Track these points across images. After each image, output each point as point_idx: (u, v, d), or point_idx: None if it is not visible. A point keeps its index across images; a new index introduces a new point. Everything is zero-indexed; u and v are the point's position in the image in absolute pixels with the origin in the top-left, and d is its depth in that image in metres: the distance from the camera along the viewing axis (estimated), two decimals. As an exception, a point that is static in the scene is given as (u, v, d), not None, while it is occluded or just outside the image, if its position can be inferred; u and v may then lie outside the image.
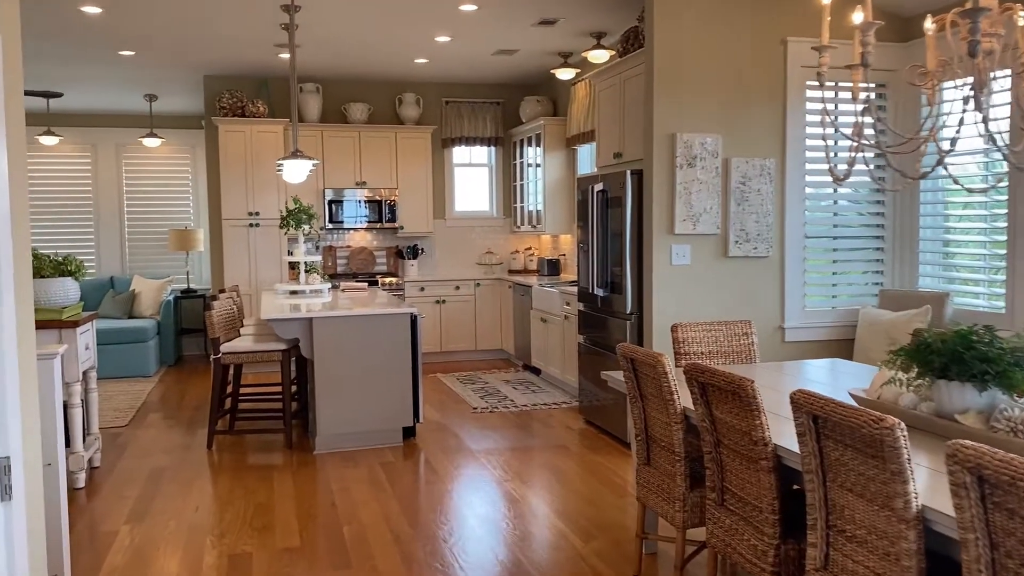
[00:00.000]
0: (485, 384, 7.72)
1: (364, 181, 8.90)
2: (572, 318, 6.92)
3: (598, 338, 5.93)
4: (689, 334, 4.05)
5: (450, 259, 9.55)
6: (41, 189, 9.50)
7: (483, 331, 9.07)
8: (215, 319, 5.60)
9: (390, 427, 5.64)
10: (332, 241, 9.21)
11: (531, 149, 8.93)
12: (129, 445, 5.82)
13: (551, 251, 9.27)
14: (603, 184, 5.74)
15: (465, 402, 7.00)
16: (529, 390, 7.43)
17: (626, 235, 5.44)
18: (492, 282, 9.07)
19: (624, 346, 3.36)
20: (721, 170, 5.29)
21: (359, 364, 5.54)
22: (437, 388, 7.61)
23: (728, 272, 5.37)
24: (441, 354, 9.03)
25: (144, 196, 9.77)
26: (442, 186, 9.48)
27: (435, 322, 8.90)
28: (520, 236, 9.72)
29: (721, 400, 2.75)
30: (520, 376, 8.09)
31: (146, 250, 9.78)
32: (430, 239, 9.45)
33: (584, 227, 6.10)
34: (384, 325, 5.57)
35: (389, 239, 9.36)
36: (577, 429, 6.06)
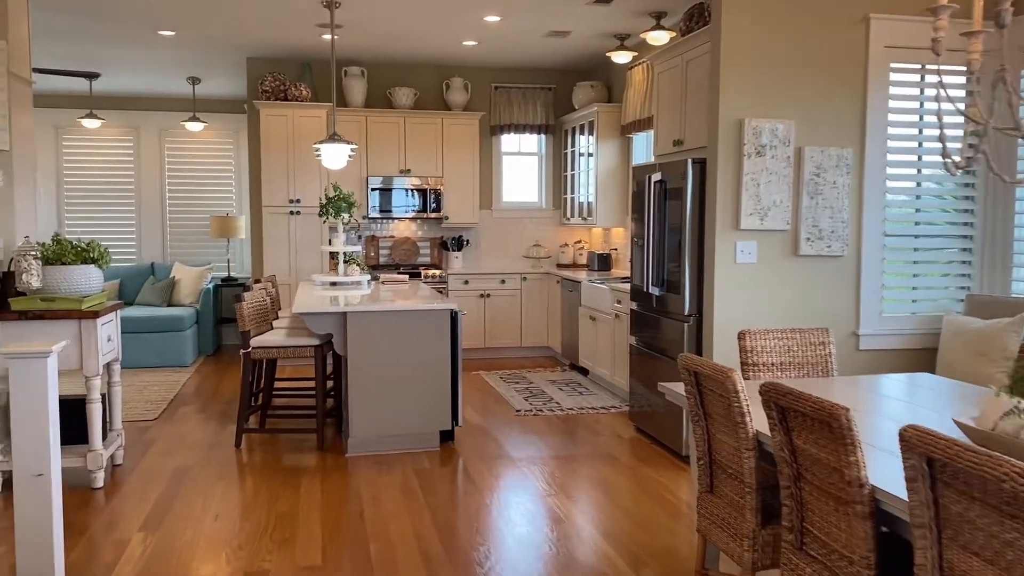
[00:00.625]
0: (530, 384, 7.33)
1: (409, 169, 8.56)
2: (624, 317, 6.49)
3: (652, 340, 5.49)
4: (758, 342, 3.61)
5: (496, 251, 9.18)
6: (84, 173, 9.35)
7: (529, 327, 8.68)
8: (245, 311, 5.30)
9: (427, 431, 5.29)
10: (375, 231, 8.89)
11: (583, 137, 8.50)
12: (156, 441, 5.56)
13: (602, 245, 8.84)
14: (661, 174, 5.30)
15: (508, 403, 6.62)
16: (576, 392, 7.03)
17: (686, 230, 5.00)
18: (539, 276, 8.67)
19: (687, 357, 2.94)
20: (793, 160, 4.81)
21: (395, 363, 5.19)
22: (479, 387, 7.25)
23: (798, 272, 4.89)
24: (484, 350, 8.67)
25: (187, 181, 9.58)
26: (489, 175, 9.10)
27: (479, 317, 8.54)
28: (570, 229, 9.30)
29: (806, 428, 2.32)
30: (567, 376, 7.69)
31: (187, 237, 9.58)
32: (476, 230, 9.08)
33: (639, 220, 5.67)
34: (423, 321, 5.21)
35: (433, 229, 9.01)
36: (627, 437, 5.64)
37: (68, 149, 9.28)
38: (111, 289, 8.90)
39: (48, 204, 9.24)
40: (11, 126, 4.87)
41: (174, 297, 8.98)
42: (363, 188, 8.48)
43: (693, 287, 5.01)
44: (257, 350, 5.31)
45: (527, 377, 7.64)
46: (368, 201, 8.45)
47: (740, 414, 2.66)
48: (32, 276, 4.41)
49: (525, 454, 5.24)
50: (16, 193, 5.01)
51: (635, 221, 5.75)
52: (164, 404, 6.58)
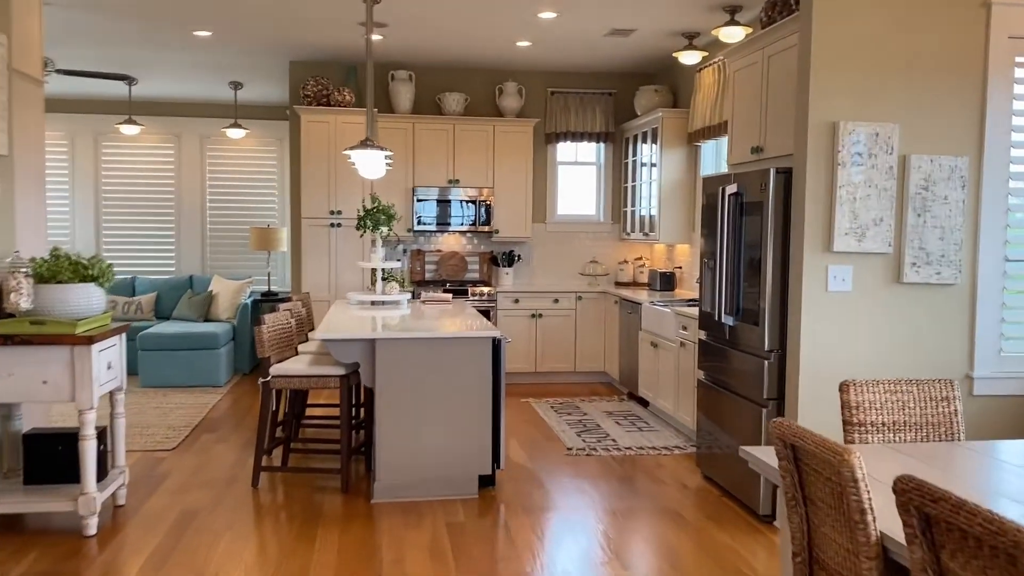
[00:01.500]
0: (583, 416, 6.66)
1: (457, 179, 7.99)
2: (690, 346, 5.78)
3: (724, 377, 4.78)
4: (865, 396, 2.90)
5: (549, 268, 8.53)
6: (123, 181, 9.00)
7: (584, 351, 8.01)
8: (265, 336, 4.75)
9: (464, 475, 4.66)
10: (421, 245, 8.34)
11: (645, 146, 7.82)
12: (169, 476, 5.04)
13: (665, 263, 8.13)
14: (737, 186, 4.60)
15: (558, 439, 5.96)
16: (634, 427, 6.33)
17: (766, 250, 4.29)
18: (596, 296, 8.00)
19: (782, 426, 2.26)
20: (897, 170, 4.08)
21: (429, 397, 4.59)
22: (527, 418, 6.60)
23: (901, 303, 4.14)
24: (535, 375, 8.02)
25: (228, 191, 9.17)
26: (543, 186, 8.48)
27: (530, 339, 7.90)
28: (629, 244, 8.61)
29: (969, 552, 1.62)
30: (624, 408, 6.99)
31: (228, 249, 9.17)
32: (528, 245, 8.46)
33: (710, 238, 4.97)
34: (461, 350, 4.59)
35: (483, 244, 8.42)
36: (693, 487, 4.93)
37: (108, 157, 8.96)
38: (147, 303, 8.51)
39: (85, 214, 8.92)
40: (11, 127, 4.41)
41: (211, 312, 8.55)
42: (408, 199, 7.93)
43: (774, 318, 4.29)
44: (278, 379, 4.76)
45: (580, 407, 6.97)
46: (413, 213, 7.89)
47: (859, 511, 1.97)
48: (21, 296, 3.92)
49: (576, 506, 4.58)
50: (19, 203, 4.55)
51: (705, 238, 5.05)
52: (187, 431, 6.08)
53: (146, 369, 7.61)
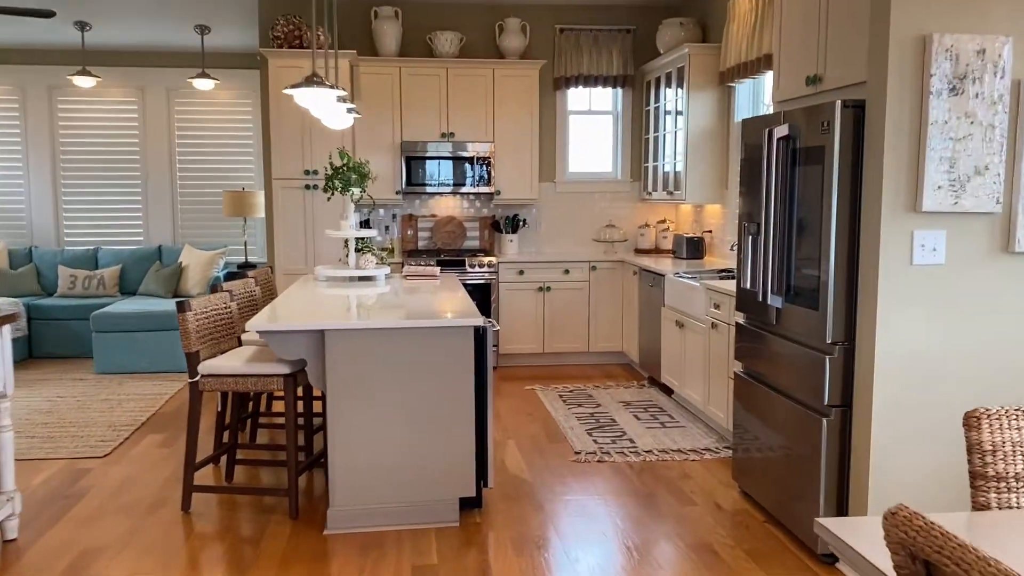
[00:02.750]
0: (596, 408, 5.68)
1: (452, 132, 6.96)
2: (724, 328, 4.77)
3: (769, 373, 3.77)
4: (1009, 435, 1.89)
5: (559, 234, 7.51)
6: (82, 141, 8.05)
7: (598, 330, 7.01)
8: (192, 325, 3.80)
9: (440, 498, 3.71)
10: (412, 208, 7.34)
11: (670, 90, 6.73)
12: (85, 496, 4.14)
13: (692, 226, 7.09)
14: (788, 127, 3.55)
15: (565, 439, 4.99)
16: (656, 421, 5.35)
17: (829, 211, 3.25)
18: (612, 265, 6.97)
19: (909, 522, 1.26)
20: (1009, 101, 3.02)
21: (394, 402, 3.62)
22: (531, 410, 5.63)
23: (1012, 279, 3.11)
24: (542, 357, 7.05)
25: (200, 150, 8.18)
26: (552, 140, 7.43)
27: (536, 316, 6.91)
28: (651, 206, 7.56)
29: None
30: (644, 397, 6.00)
31: (201, 215, 8.21)
32: (534, 208, 7.43)
33: (752, 196, 3.93)
34: (434, 342, 3.62)
35: (483, 207, 7.40)
36: (729, 508, 3.95)
37: (65, 114, 8.00)
38: (111, 277, 7.61)
39: (41, 177, 7.99)
40: None
41: (181, 287, 7.64)
42: (396, 157, 6.92)
43: (839, 300, 3.27)
44: (207, 379, 3.81)
45: (593, 396, 5.99)
46: (402, 172, 6.89)
47: None
48: None
49: (581, 537, 3.62)
50: None
51: (745, 197, 4.01)
52: (129, 431, 5.18)
53: (101, 353, 6.72)
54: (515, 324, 6.89)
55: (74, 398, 5.96)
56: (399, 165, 6.92)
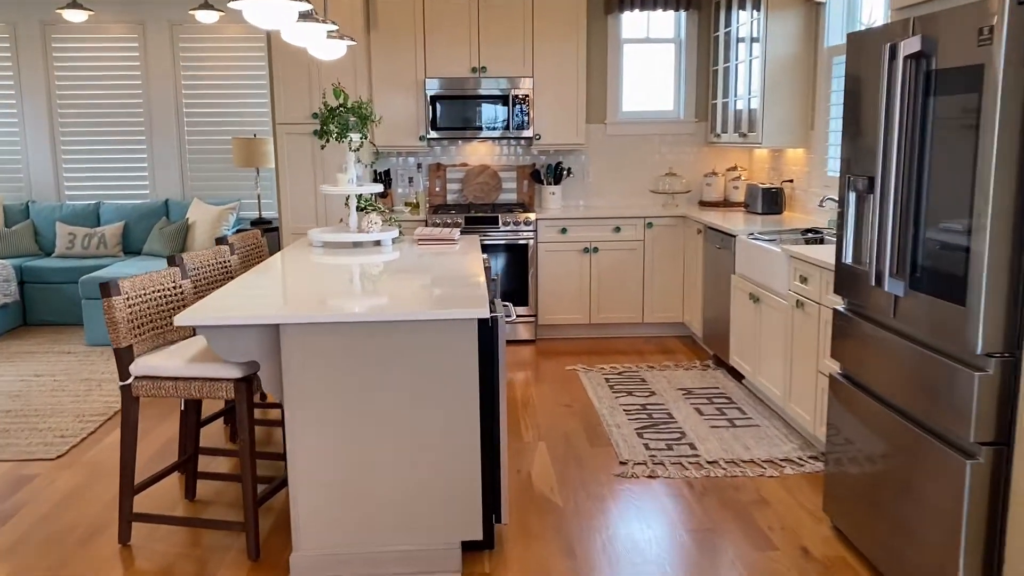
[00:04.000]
0: (649, 396, 4.73)
1: (484, 67, 5.96)
2: (812, 310, 3.76)
3: (880, 382, 2.76)
4: None
5: (610, 185, 6.49)
6: (80, 83, 7.26)
7: (655, 296, 6.03)
8: (120, 314, 2.95)
9: (437, 542, 2.83)
10: (440, 157, 6.39)
11: (744, 12, 5.60)
12: (11, 519, 3.38)
13: (769, 175, 6.00)
14: (920, 40, 2.48)
15: (608, 442, 4.06)
16: (723, 416, 4.38)
17: (988, 159, 2.21)
18: (672, 222, 5.95)
19: None
20: None
21: (373, 418, 2.74)
22: (571, 397, 4.72)
23: None
24: (589, 328, 6.10)
25: (209, 93, 7.33)
26: (602, 73, 6.37)
27: (582, 281, 5.95)
28: (720, 151, 6.48)
29: None
30: (709, 381, 5.03)
31: (211, 166, 7.39)
32: (581, 155, 6.42)
33: (858, 139, 2.88)
34: (426, 340, 2.70)
35: (521, 155, 6.42)
36: (820, 555, 2.99)
37: (60, 53, 7.21)
38: (113, 235, 6.88)
39: (38, 126, 7.25)
40: None
41: (188, 245, 6.88)
42: (419, 96, 5.97)
43: (997, 292, 2.24)
44: (142, 382, 2.98)
45: (647, 381, 5.03)
46: (427, 115, 5.93)
47: None
48: None
49: (621, 599, 2.71)
50: None
51: (850, 141, 2.96)
52: (98, 422, 4.44)
53: (93, 323, 6.00)
54: (557, 291, 5.94)
55: (52, 377, 5.25)
56: (423, 107, 5.96)
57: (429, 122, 5.94)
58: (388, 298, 2.86)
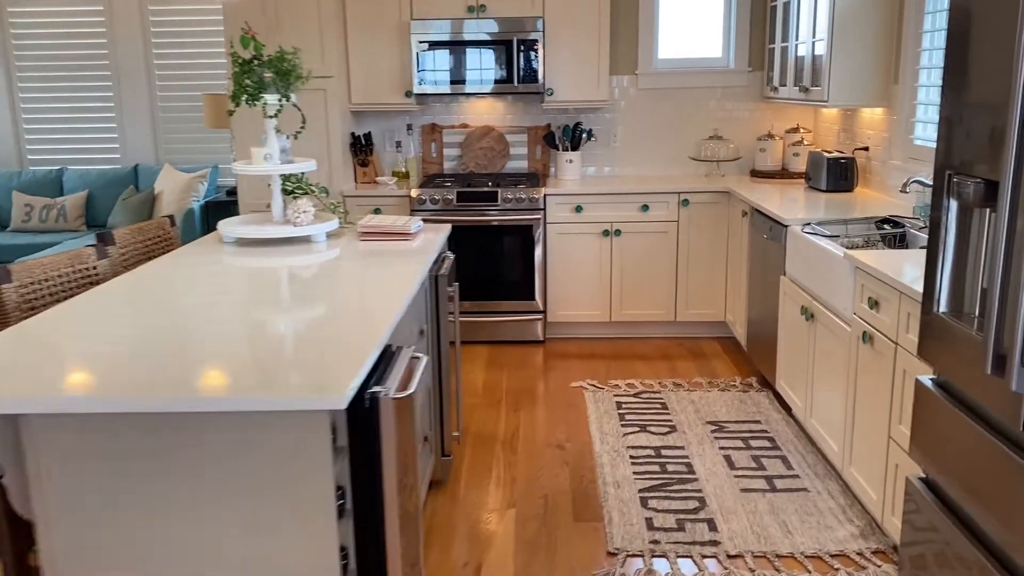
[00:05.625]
0: (668, 432, 3.66)
1: (483, 5, 4.85)
2: (885, 347, 2.64)
3: (988, 512, 1.66)
4: None
5: (641, 150, 5.34)
6: (39, 43, 6.38)
7: (691, 290, 4.92)
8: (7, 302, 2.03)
9: None
10: (435, 115, 5.33)
11: (809, -72, 4.34)
12: None
13: (837, 140, 4.78)
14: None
15: (599, 513, 3.03)
16: (761, 471, 3.29)
17: None
18: (713, 198, 4.80)
19: None
20: None
21: (171, 551, 1.77)
22: (567, 431, 3.69)
23: None
24: (609, 328, 5.04)
25: (182, 44, 6.37)
26: (632, 12, 5.18)
27: (601, 270, 4.87)
28: (778, 108, 5.25)
29: None
30: (749, 409, 3.92)
31: (185, 126, 6.47)
32: (605, 114, 5.28)
33: (964, 109, 1.74)
34: (251, 438, 1.71)
35: (532, 113, 5.31)
36: None
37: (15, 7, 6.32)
38: (75, 206, 6.06)
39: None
40: None
41: (154, 217, 6.00)
42: (404, 42, 4.90)
43: None
44: None
45: (670, 408, 3.96)
46: (416, 65, 4.87)
47: None
48: None
49: None
50: None
51: (955, 111, 1.82)
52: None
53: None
54: (570, 283, 4.88)
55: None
56: (408, 55, 4.90)
57: (416, 74, 4.88)
58: (217, 366, 1.86)
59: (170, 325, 2.14)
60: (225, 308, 2.30)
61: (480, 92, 4.92)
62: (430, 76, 4.89)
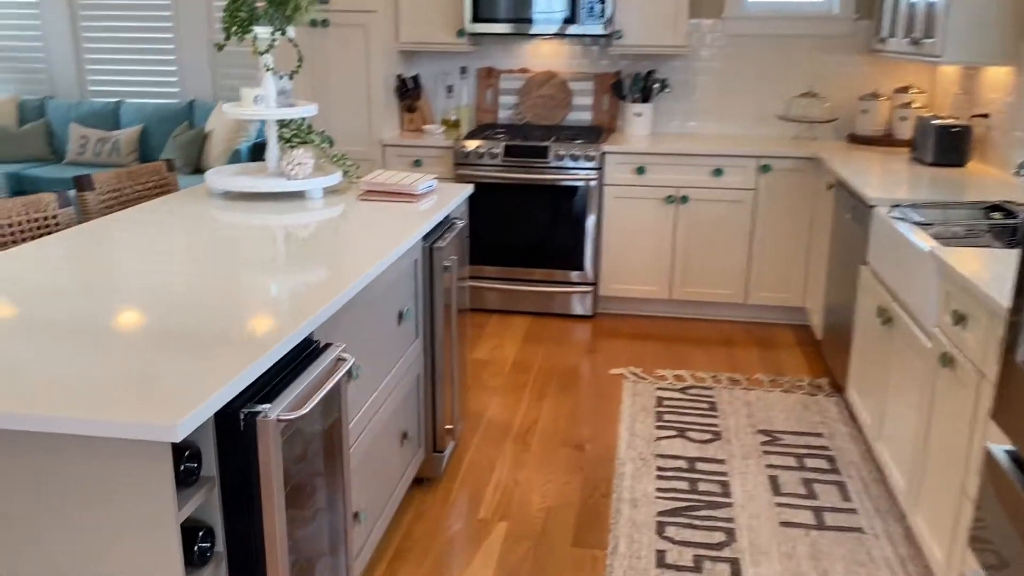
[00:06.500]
0: (710, 440, 3.14)
1: (547, -66, 4.29)
2: (968, 375, 2.06)
3: None
4: None
5: (723, 106, 4.70)
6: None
7: (766, 268, 4.32)
8: None
9: None
10: (493, 59, 4.83)
11: None
12: None
13: (953, 104, 4.03)
14: None
15: (602, 539, 2.58)
16: (809, 499, 2.75)
17: None
18: (798, 165, 4.15)
19: None
20: None
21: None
22: (593, 428, 3.22)
23: None
24: (669, 306, 4.50)
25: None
26: (720, -53, 4.52)
27: (662, 242, 4.32)
28: (886, 64, 4.51)
29: None
30: (811, 419, 3.35)
31: (240, 61, 6.17)
32: (683, 62, 4.65)
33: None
34: (86, 468, 1.33)
35: (598, 59, 4.74)
36: None
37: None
38: (128, 141, 5.88)
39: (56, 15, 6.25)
40: None
41: (204, 159, 5.78)
42: (458, -25, 4.42)
43: None
44: None
45: (718, 411, 3.42)
46: (469, 4, 4.37)
47: None
48: None
49: None
50: None
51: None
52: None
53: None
54: (627, 253, 4.36)
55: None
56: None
57: (472, 9, 4.38)
58: (51, 364, 1.48)
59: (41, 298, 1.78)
60: (133, 280, 1.93)
61: (542, 33, 4.38)
62: (486, 13, 4.38)
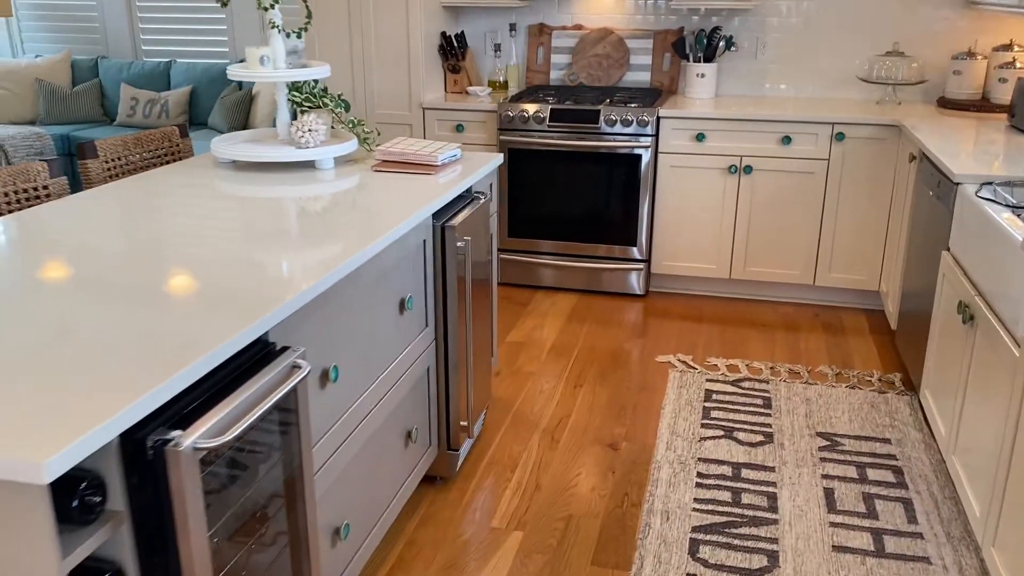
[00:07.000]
0: (761, 443, 2.81)
1: None
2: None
3: None
4: None
5: (796, 66, 4.26)
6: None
7: (838, 247, 3.91)
8: None
9: None
10: (544, 15, 4.49)
11: None
12: None
13: (1062, 62, 3.54)
14: None
15: (627, 558, 2.30)
16: (868, 519, 2.42)
17: None
18: (876, 133, 3.72)
19: None
20: None
21: None
22: (632, 421, 2.93)
23: None
24: (729, 286, 4.14)
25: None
26: None
27: (724, 216, 3.95)
28: (985, 18, 4.00)
29: None
30: (881, 417, 2.98)
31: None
32: (751, 17, 4.22)
33: None
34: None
35: (658, 14, 4.35)
36: None
37: None
38: (178, 102, 5.76)
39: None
40: None
41: (251, 121, 5.61)
42: (506, -77, 4.07)
43: None
44: None
45: (773, 408, 3.08)
46: (518, -48, 4.04)
47: None
48: None
49: None
50: None
51: None
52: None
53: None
54: (683, 228, 4.01)
55: None
56: (510, -61, 4.07)
57: (519, -37, 4.05)
58: None
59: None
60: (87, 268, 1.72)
61: (595, -14, 4.03)
62: (536, -35, 4.04)
